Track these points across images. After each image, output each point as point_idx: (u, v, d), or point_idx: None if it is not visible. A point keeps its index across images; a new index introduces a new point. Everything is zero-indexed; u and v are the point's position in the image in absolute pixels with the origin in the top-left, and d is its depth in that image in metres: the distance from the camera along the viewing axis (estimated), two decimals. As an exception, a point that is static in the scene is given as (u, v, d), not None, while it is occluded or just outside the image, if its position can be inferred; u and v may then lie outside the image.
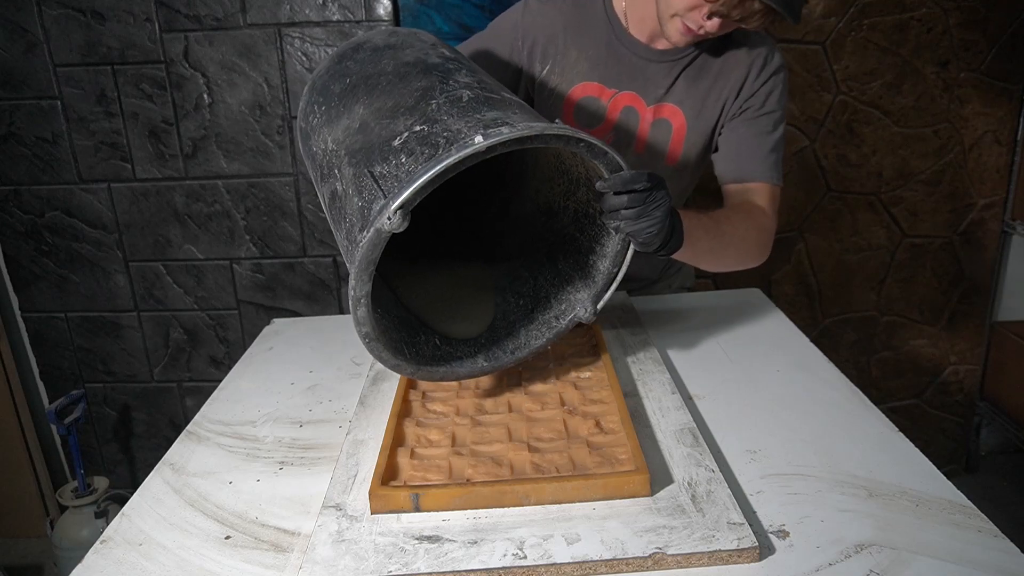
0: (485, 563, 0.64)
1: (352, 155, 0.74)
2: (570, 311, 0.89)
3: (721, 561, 0.64)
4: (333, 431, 0.90)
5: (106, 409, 2.08)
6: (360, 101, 0.80)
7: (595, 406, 0.85)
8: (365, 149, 0.73)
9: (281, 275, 1.95)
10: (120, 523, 0.74)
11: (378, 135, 0.73)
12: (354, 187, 0.71)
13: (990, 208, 1.95)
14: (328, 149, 0.80)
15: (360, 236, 0.67)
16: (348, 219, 0.71)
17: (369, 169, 0.70)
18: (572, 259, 0.92)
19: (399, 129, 0.71)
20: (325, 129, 0.82)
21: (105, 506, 1.83)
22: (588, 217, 0.88)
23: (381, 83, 0.80)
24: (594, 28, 1.06)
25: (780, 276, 2.00)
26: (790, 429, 0.85)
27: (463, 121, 0.69)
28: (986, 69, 1.83)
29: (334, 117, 0.82)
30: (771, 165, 1.07)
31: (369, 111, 0.77)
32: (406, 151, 0.68)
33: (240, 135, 1.82)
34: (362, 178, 0.70)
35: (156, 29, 1.74)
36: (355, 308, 0.70)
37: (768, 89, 1.06)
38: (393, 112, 0.74)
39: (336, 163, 0.76)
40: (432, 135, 0.68)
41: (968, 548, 0.65)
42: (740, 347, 1.06)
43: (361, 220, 0.68)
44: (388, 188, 0.66)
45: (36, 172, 1.86)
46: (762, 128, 1.07)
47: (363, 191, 0.69)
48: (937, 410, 2.14)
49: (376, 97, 0.78)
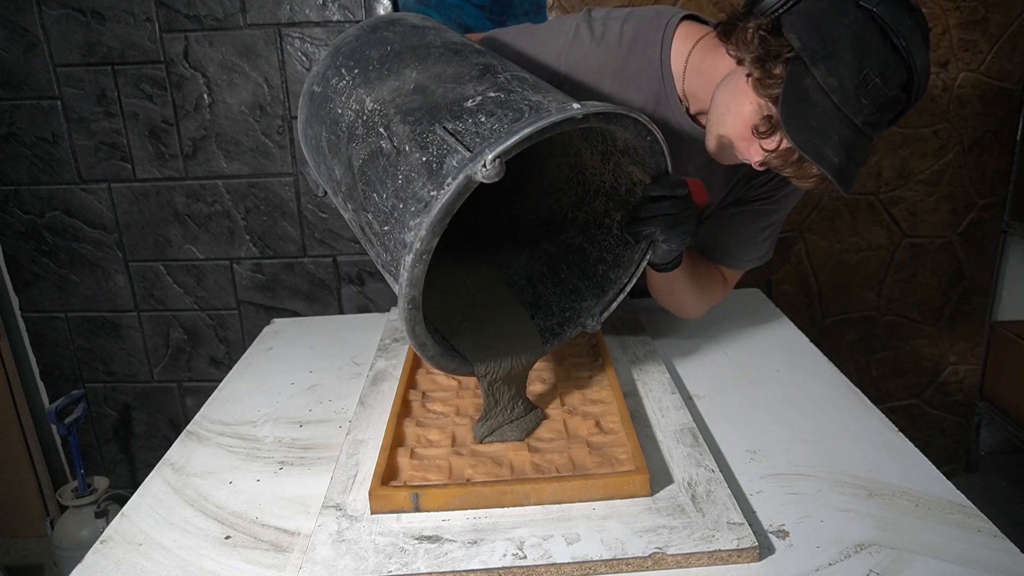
0: (485, 563, 0.64)
1: (408, 113, 0.71)
2: (575, 320, 0.88)
3: (721, 561, 0.64)
4: (333, 431, 0.90)
5: (106, 409, 2.08)
6: (410, 66, 0.77)
7: (595, 406, 0.85)
8: (428, 107, 0.70)
9: (281, 275, 1.95)
10: (120, 523, 0.74)
11: (443, 96, 0.71)
12: (414, 143, 0.68)
13: (990, 208, 1.95)
14: (367, 109, 0.76)
15: (429, 188, 0.64)
16: (402, 174, 0.67)
17: (440, 125, 0.67)
18: (577, 269, 0.91)
19: (469, 92, 0.70)
20: (360, 90, 0.78)
21: (105, 506, 1.83)
22: (601, 227, 0.88)
23: (433, 54, 0.78)
24: (646, 81, 0.95)
25: (780, 276, 2.00)
26: (790, 429, 0.85)
27: (539, 95, 0.68)
28: (986, 69, 1.83)
29: (374, 79, 0.78)
30: (753, 257, 1.06)
31: (426, 75, 0.75)
32: (484, 111, 0.66)
33: (240, 135, 1.83)
34: (427, 133, 0.67)
35: (156, 29, 1.74)
36: (414, 265, 0.64)
37: (791, 191, 1.01)
38: (457, 78, 0.72)
39: (381, 122, 0.73)
40: (511, 102, 0.67)
41: (968, 548, 0.65)
42: (740, 347, 1.06)
43: (427, 174, 0.65)
44: (472, 143, 0.64)
45: (36, 172, 1.86)
46: (763, 220, 1.03)
47: (429, 146, 0.66)
48: (937, 410, 2.14)
49: (431, 65, 0.76)
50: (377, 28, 0.87)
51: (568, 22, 0.98)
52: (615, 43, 0.94)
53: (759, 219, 1.03)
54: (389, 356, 1.05)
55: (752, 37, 0.78)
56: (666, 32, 0.93)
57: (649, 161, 0.77)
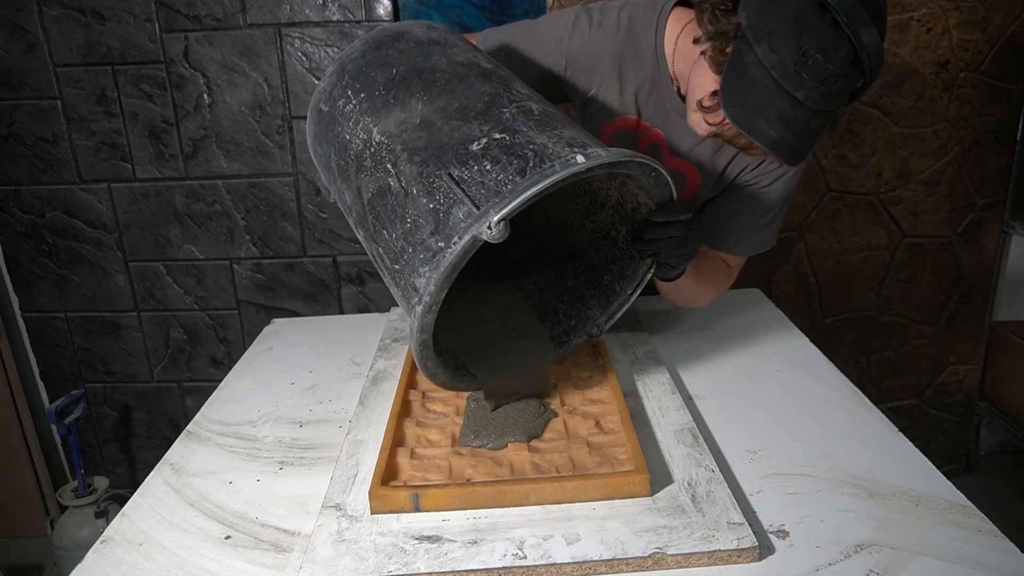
0: (485, 563, 0.64)
1: (415, 152, 0.72)
2: (580, 327, 0.91)
3: (721, 561, 0.64)
4: (333, 431, 0.90)
5: (106, 409, 2.08)
6: (416, 96, 0.77)
7: (595, 406, 0.85)
8: (434, 149, 0.71)
9: (281, 275, 1.95)
10: (120, 523, 0.74)
11: (449, 136, 0.71)
12: (421, 187, 0.69)
13: (990, 208, 1.95)
14: (374, 140, 0.76)
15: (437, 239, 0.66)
16: (410, 219, 0.69)
17: (445, 171, 0.68)
18: (583, 277, 0.93)
19: (474, 133, 0.70)
20: (367, 118, 0.79)
21: (105, 506, 1.83)
22: (607, 238, 0.90)
23: (439, 80, 0.78)
24: (643, 64, 1.00)
25: (780, 276, 2.00)
26: (790, 429, 0.85)
27: (545, 136, 0.69)
28: (986, 69, 1.83)
29: (380, 107, 0.79)
30: (754, 243, 1.08)
31: (431, 108, 0.75)
32: (490, 158, 0.68)
33: (240, 135, 1.83)
34: (434, 179, 0.68)
35: (156, 29, 1.74)
36: (425, 315, 0.68)
37: (779, 173, 1.03)
38: (462, 114, 0.73)
39: (389, 157, 0.74)
40: (516, 146, 0.68)
41: (968, 548, 0.65)
42: (740, 347, 1.06)
43: (434, 223, 0.67)
44: (476, 195, 0.65)
45: (36, 172, 1.86)
46: (760, 206, 1.05)
47: (436, 192, 0.68)
48: (937, 410, 2.14)
49: (437, 95, 0.76)
50: (382, 45, 0.87)
51: (567, 13, 1.03)
52: (613, 28, 1.00)
53: (756, 204, 1.05)
54: (389, 356, 1.05)
55: (709, 16, 0.82)
56: (660, 17, 0.98)
57: (654, 191, 0.79)
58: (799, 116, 0.78)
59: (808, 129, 0.79)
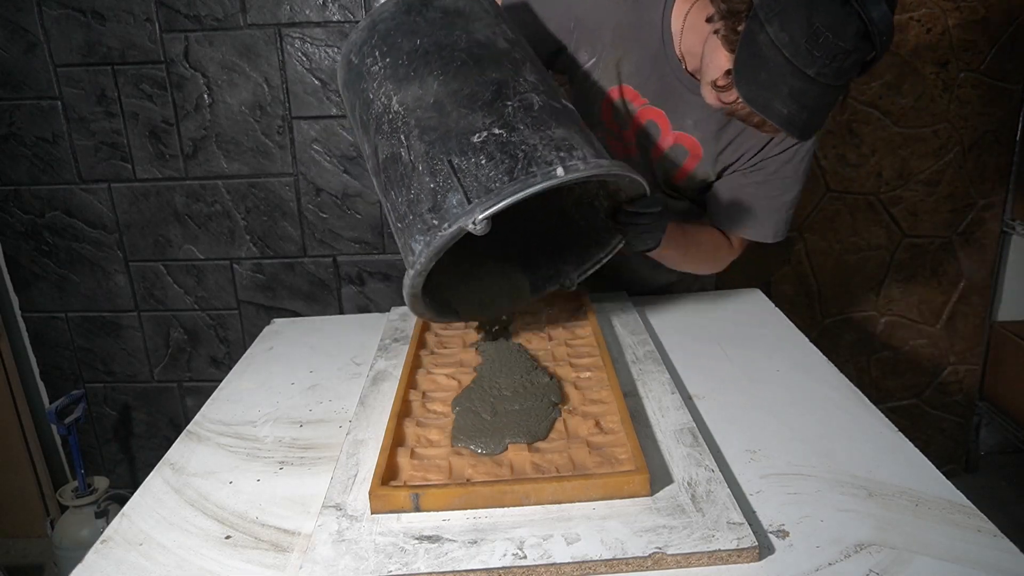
0: (485, 563, 0.64)
1: (425, 131, 0.81)
2: (556, 279, 1.02)
3: (721, 561, 0.64)
4: (333, 431, 0.90)
5: (106, 409, 2.08)
6: (434, 74, 0.84)
7: (595, 406, 0.85)
8: (441, 132, 0.80)
9: (281, 275, 1.95)
10: (120, 523, 0.74)
11: (456, 123, 0.80)
12: (426, 165, 0.79)
13: (990, 208, 1.95)
14: (392, 108, 0.84)
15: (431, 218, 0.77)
16: (414, 191, 0.79)
17: (447, 157, 0.78)
18: (564, 234, 1.02)
19: (478, 125, 0.79)
20: (389, 84, 0.86)
21: (105, 506, 1.83)
22: (591, 207, 0.98)
23: (456, 61, 0.85)
24: (646, 36, 1.01)
25: (780, 276, 2.00)
26: (790, 429, 0.85)
27: (537, 136, 0.79)
28: (986, 69, 1.83)
29: (402, 77, 0.86)
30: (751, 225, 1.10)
31: (445, 91, 0.83)
32: (486, 153, 0.77)
33: (240, 135, 1.83)
34: (437, 161, 0.78)
35: (156, 29, 1.74)
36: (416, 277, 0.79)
37: (787, 158, 1.04)
38: (471, 102, 0.81)
39: (403, 129, 0.83)
40: (510, 144, 0.78)
41: (968, 548, 0.65)
42: (740, 347, 1.06)
43: (432, 201, 0.77)
44: (469, 187, 0.75)
45: (36, 172, 1.86)
46: (769, 192, 1.07)
47: (437, 175, 0.78)
48: (936, 410, 2.14)
49: (452, 76, 0.84)
50: (411, 9, 0.91)
51: None
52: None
53: (762, 188, 1.07)
54: (389, 356, 1.05)
55: None
56: None
57: (629, 189, 0.88)
58: (811, 91, 0.79)
59: (820, 104, 0.81)
